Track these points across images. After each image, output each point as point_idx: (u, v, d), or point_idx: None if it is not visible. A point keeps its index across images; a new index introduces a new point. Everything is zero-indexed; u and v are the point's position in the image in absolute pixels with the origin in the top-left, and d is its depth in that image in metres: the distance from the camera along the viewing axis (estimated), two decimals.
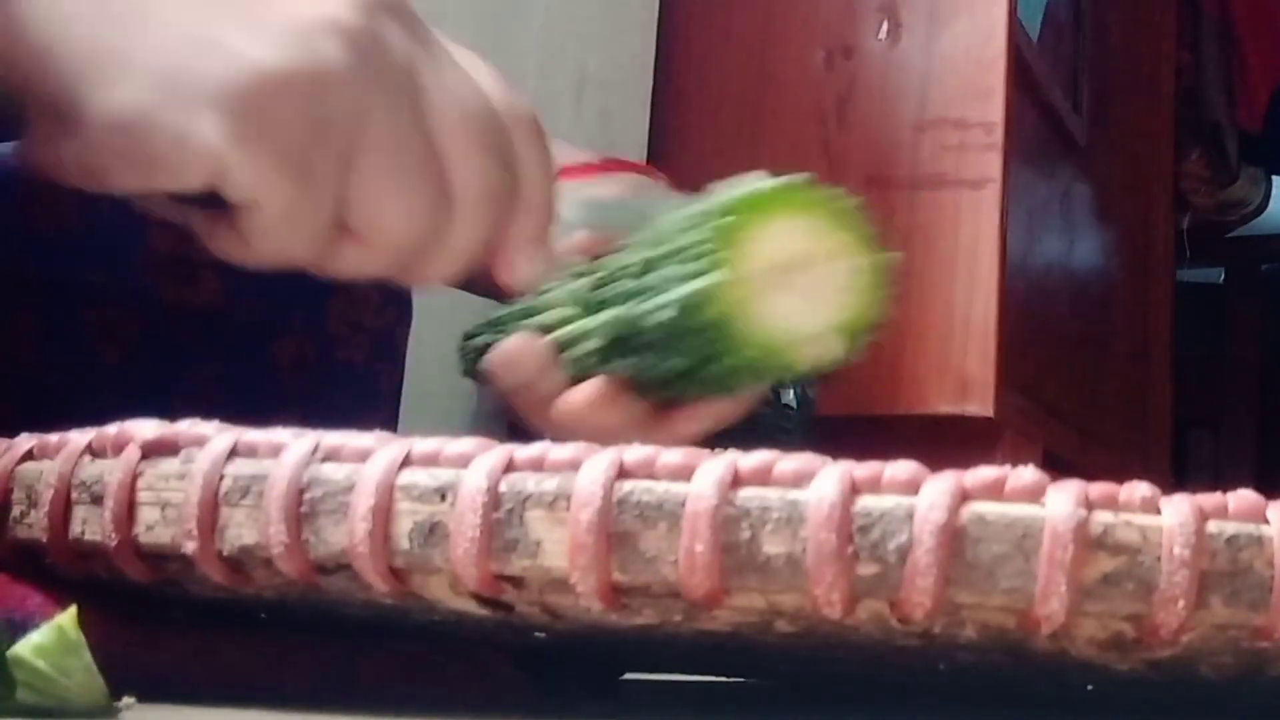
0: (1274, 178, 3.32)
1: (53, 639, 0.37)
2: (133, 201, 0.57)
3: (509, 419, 0.67)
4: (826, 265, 0.56)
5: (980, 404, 1.81)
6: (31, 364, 0.71)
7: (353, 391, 0.80)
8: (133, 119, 0.50)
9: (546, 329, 0.62)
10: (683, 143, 1.97)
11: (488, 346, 0.64)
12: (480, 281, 0.73)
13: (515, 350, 0.63)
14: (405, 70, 0.52)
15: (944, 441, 1.82)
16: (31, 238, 0.70)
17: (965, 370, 1.82)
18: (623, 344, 0.58)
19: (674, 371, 0.57)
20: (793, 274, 0.56)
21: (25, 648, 0.37)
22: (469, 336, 0.67)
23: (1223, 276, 3.49)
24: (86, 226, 0.71)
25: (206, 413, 0.46)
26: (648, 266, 0.57)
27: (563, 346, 0.60)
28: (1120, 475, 0.39)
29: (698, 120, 1.98)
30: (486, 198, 0.54)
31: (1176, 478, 2.90)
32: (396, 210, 0.52)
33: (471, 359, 0.66)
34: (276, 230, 0.51)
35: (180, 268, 0.74)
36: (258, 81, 0.50)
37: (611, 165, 0.76)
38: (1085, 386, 2.43)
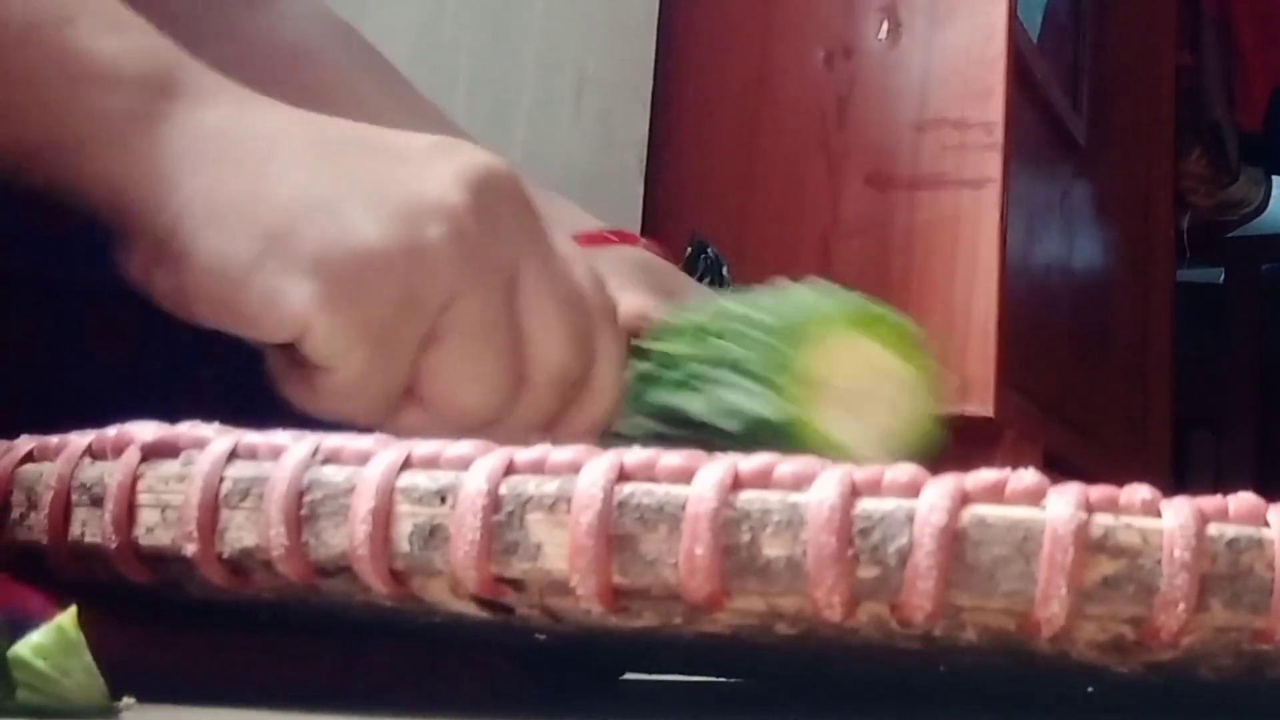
0: (1274, 178, 3.32)
1: (53, 639, 0.37)
2: None
3: None
4: (883, 388, 0.58)
5: (980, 404, 1.81)
6: (31, 364, 0.71)
7: None
8: (231, 271, 0.51)
9: None
10: (683, 143, 1.97)
11: None
12: None
13: None
14: (507, 257, 0.53)
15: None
16: (31, 237, 0.70)
17: (965, 370, 1.82)
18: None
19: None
20: (852, 397, 0.56)
21: (25, 648, 0.37)
22: None
23: (1223, 276, 3.49)
24: (86, 226, 0.71)
25: (207, 412, 0.46)
26: (701, 364, 0.57)
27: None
28: (1120, 475, 0.39)
29: (698, 120, 1.98)
30: (559, 384, 0.54)
31: (1176, 478, 2.90)
32: (469, 384, 0.53)
33: None
34: (346, 392, 0.52)
35: None
36: (356, 255, 0.51)
37: (616, 237, 0.77)
38: (1085, 386, 2.43)
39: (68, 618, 0.38)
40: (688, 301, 0.66)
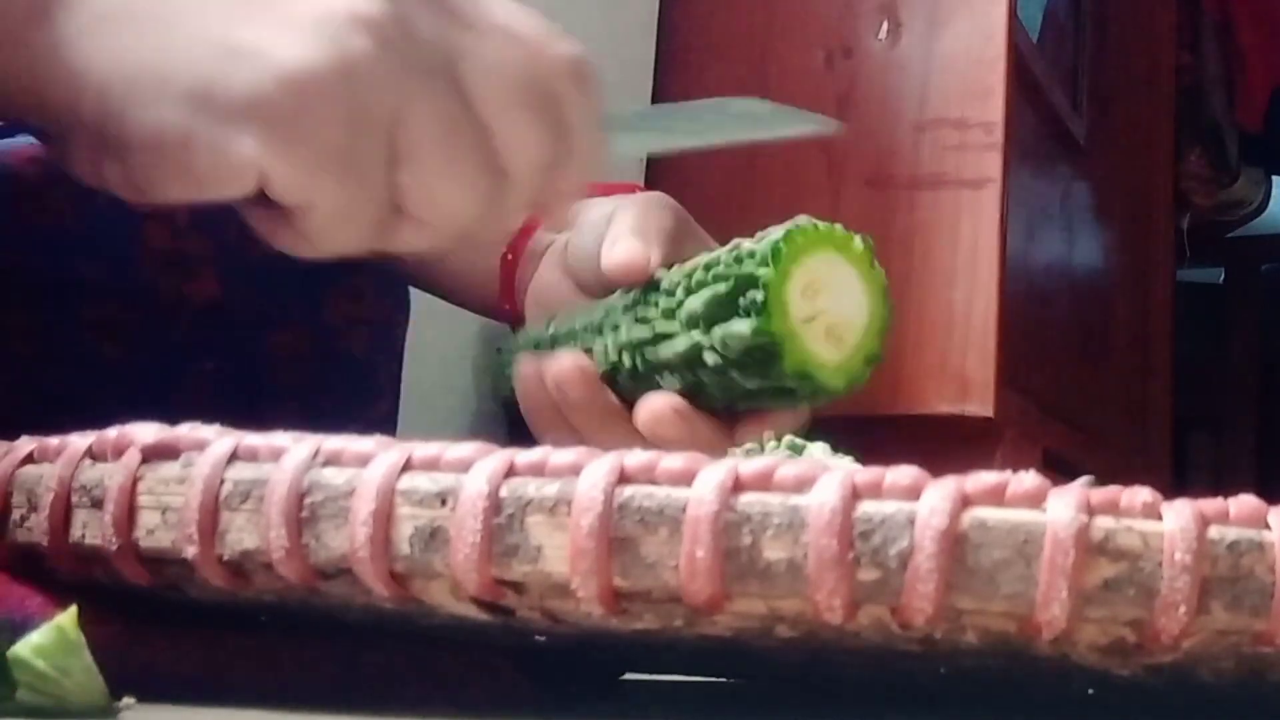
0: (1274, 178, 3.32)
1: (53, 639, 0.37)
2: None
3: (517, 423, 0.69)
4: (849, 294, 0.64)
5: (980, 404, 1.81)
6: (30, 361, 0.71)
7: (353, 383, 0.80)
8: (170, 137, 0.50)
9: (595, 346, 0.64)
10: None
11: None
12: (485, 305, 0.74)
13: (570, 368, 0.63)
14: (438, 47, 0.52)
15: (944, 441, 1.82)
16: (28, 235, 0.70)
17: (965, 370, 1.82)
18: (689, 367, 0.62)
19: (741, 391, 0.62)
20: (826, 305, 0.62)
21: (25, 648, 0.37)
22: (503, 353, 0.68)
23: (1223, 276, 3.49)
24: (83, 223, 0.71)
25: (206, 407, 0.46)
26: (698, 291, 0.61)
27: (649, 367, 0.63)
28: (1120, 476, 0.39)
29: None
30: (538, 165, 0.54)
31: (1176, 478, 2.90)
32: (451, 192, 0.52)
33: (509, 377, 0.66)
34: (333, 226, 0.51)
35: (177, 264, 0.74)
36: (288, 86, 0.50)
37: (610, 188, 0.77)
38: (1085, 386, 2.43)
39: (68, 618, 0.38)
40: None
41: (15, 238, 0.70)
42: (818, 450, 0.59)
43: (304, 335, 0.77)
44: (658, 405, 0.63)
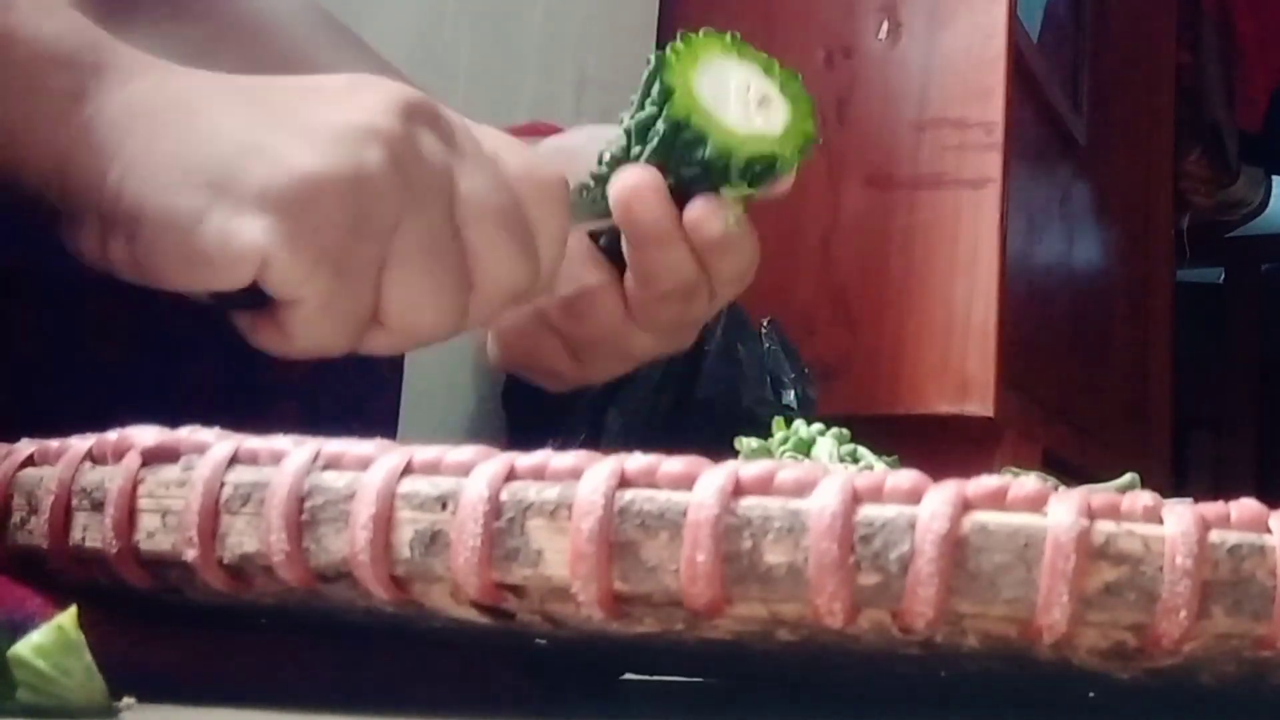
0: (1274, 178, 3.31)
1: (53, 639, 0.37)
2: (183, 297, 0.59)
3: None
4: (766, 86, 0.68)
5: (980, 404, 1.81)
6: (29, 361, 0.71)
7: (353, 378, 0.80)
8: (181, 222, 0.53)
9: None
10: None
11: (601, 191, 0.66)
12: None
13: (639, 177, 0.64)
14: (439, 173, 0.55)
15: (944, 441, 1.81)
16: (26, 235, 0.70)
17: (965, 370, 1.82)
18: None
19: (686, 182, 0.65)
20: (737, 89, 0.67)
21: (25, 648, 0.37)
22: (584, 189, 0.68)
23: (1223, 276, 3.49)
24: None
25: (206, 407, 0.46)
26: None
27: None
28: (1120, 475, 0.39)
29: None
30: (506, 285, 0.57)
31: (1177, 478, 2.90)
32: (425, 306, 0.55)
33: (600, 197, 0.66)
34: (315, 323, 0.54)
35: None
36: (302, 184, 0.52)
37: (529, 130, 0.79)
38: (1085, 386, 2.43)
39: (68, 618, 0.38)
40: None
41: (13, 238, 0.70)
42: (824, 448, 0.59)
43: None
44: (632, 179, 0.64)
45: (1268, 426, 3.30)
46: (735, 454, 0.60)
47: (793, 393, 1.59)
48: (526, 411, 1.70)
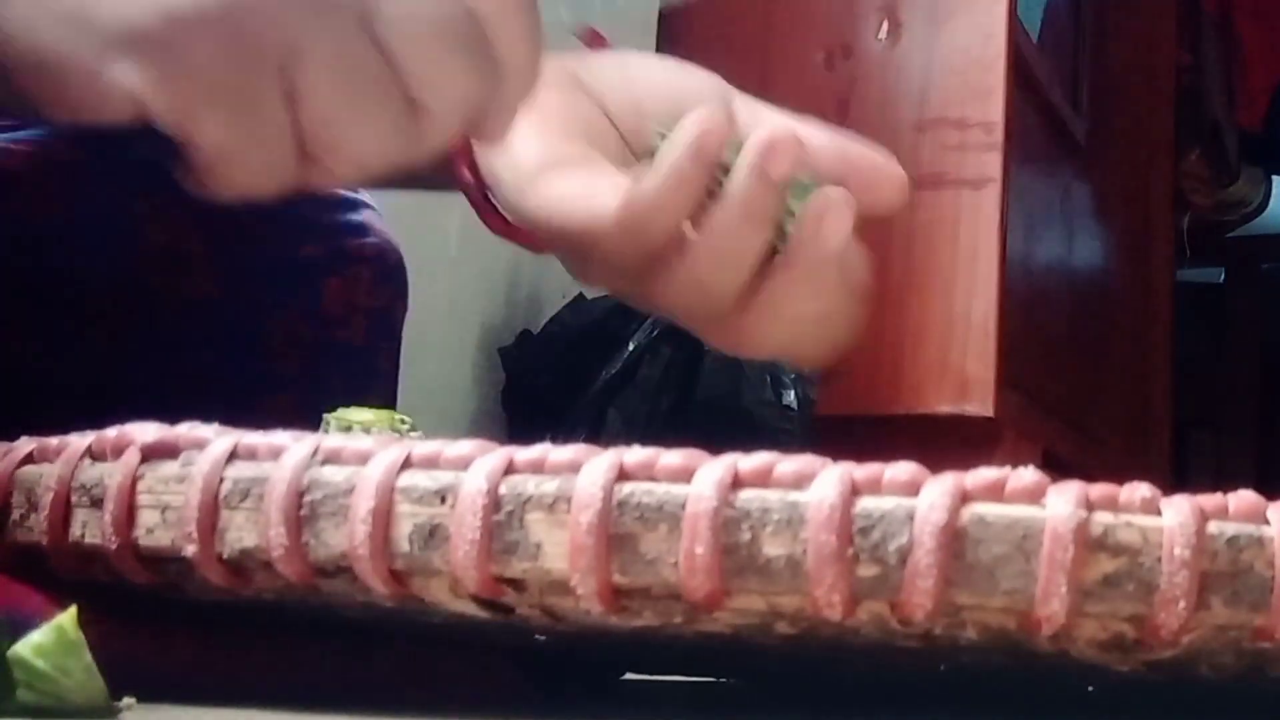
0: (1274, 178, 3.32)
1: (53, 639, 0.37)
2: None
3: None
4: None
5: (980, 404, 1.81)
6: (25, 357, 0.71)
7: (352, 371, 0.80)
8: (48, 58, 0.50)
9: None
10: None
11: None
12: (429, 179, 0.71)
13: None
14: None
15: (944, 441, 1.82)
16: (23, 231, 0.70)
17: (965, 370, 1.82)
18: None
19: None
20: None
21: (25, 648, 0.37)
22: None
23: (1223, 276, 3.49)
24: (78, 220, 0.71)
25: (203, 402, 0.46)
26: None
27: None
28: (1120, 475, 0.39)
29: None
30: (461, 98, 0.52)
31: (1177, 478, 2.90)
32: (354, 132, 0.50)
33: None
34: (233, 163, 0.50)
35: (173, 259, 0.74)
36: (168, 16, 0.48)
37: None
38: (1085, 386, 2.44)
39: (68, 618, 0.38)
40: None
41: (10, 234, 0.70)
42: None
43: (302, 325, 0.77)
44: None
45: (1268, 426, 3.30)
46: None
47: (793, 393, 1.59)
48: (526, 411, 1.70)
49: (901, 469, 0.36)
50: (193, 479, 0.40)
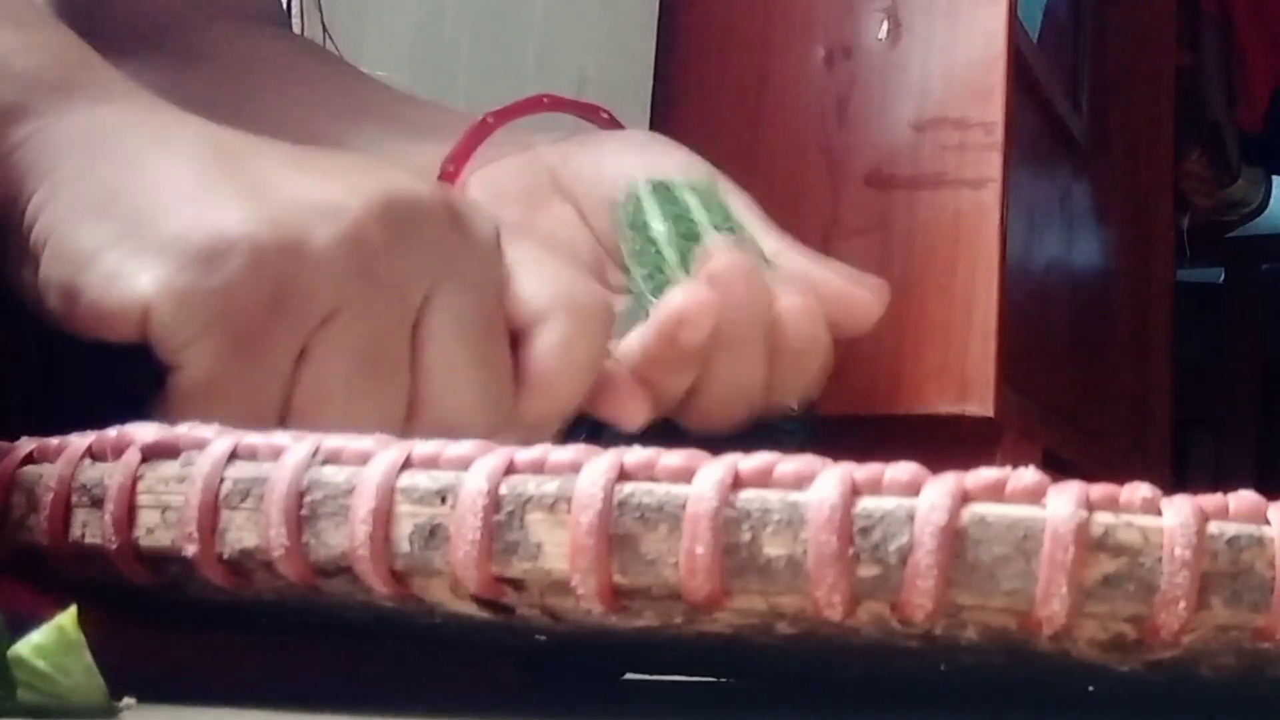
0: (1274, 178, 3.32)
1: (53, 639, 0.37)
2: None
3: None
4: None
5: (980, 404, 1.81)
6: (26, 357, 0.71)
7: None
8: (79, 255, 0.47)
9: None
10: (683, 142, 1.97)
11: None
12: None
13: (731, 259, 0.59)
14: (409, 278, 0.48)
15: (944, 441, 1.82)
16: None
17: (965, 370, 1.82)
18: None
19: None
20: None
21: (25, 648, 0.37)
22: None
23: (1223, 276, 3.49)
24: None
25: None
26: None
27: None
28: (1120, 475, 0.39)
29: (698, 120, 1.98)
30: (453, 419, 0.49)
31: (1176, 478, 2.90)
32: (339, 413, 0.47)
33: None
34: (209, 399, 0.46)
35: None
36: (215, 238, 0.45)
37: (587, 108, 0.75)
38: (1085, 386, 2.44)
39: (68, 618, 0.38)
40: None
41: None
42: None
43: None
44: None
45: (1268, 426, 3.30)
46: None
47: None
48: None
49: (902, 469, 0.36)
50: (193, 479, 0.40)
